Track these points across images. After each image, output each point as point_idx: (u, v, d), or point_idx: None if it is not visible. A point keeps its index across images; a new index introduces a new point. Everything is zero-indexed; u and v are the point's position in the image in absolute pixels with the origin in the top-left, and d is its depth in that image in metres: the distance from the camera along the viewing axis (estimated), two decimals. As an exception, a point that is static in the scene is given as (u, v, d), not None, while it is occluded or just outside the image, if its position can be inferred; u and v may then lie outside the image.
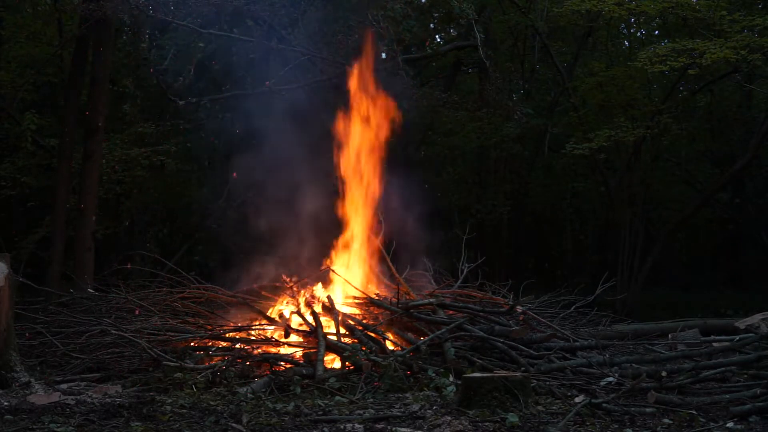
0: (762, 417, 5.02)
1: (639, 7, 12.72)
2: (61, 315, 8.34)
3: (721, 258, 20.87)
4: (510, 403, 5.18)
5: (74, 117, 11.54)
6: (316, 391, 5.85)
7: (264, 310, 8.09)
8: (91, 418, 4.95)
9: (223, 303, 8.84)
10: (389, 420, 5.04)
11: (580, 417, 5.05)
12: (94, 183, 11.07)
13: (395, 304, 7.67)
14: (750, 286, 17.30)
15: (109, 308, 8.50)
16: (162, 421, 4.88)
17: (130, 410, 5.13)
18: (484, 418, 4.97)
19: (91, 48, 11.55)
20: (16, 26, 14.33)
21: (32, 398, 5.50)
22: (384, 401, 5.64)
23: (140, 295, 8.70)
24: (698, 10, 12.30)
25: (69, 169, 11.45)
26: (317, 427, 4.84)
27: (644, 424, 4.97)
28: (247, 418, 4.97)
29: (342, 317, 7.50)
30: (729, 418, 5.09)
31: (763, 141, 14.44)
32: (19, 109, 13.51)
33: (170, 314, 8.16)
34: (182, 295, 8.79)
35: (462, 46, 15.90)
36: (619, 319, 10.51)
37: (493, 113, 14.86)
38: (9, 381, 5.88)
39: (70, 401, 5.44)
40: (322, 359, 6.47)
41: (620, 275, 14.33)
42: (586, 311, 9.62)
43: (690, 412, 5.18)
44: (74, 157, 11.71)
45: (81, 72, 11.63)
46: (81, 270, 10.43)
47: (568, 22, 14.89)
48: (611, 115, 14.53)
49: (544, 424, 4.88)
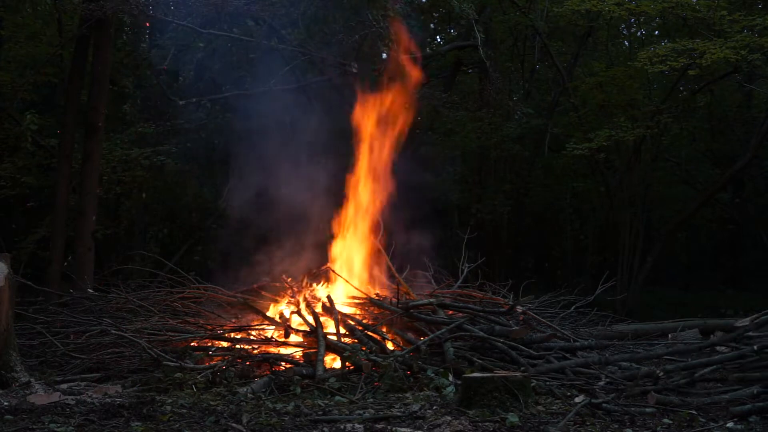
0: (762, 417, 5.02)
1: (639, 7, 12.73)
2: (61, 315, 8.35)
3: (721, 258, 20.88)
4: (510, 403, 5.18)
5: (74, 117, 11.54)
6: (316, 391, 5.85)
7: (264, 310, 8.09)
8: (91, 418, 4.95)
9: (223, 303, 8.84)
10: (389, 420, 5.04)
11: (580, 417, 5.06)
12: (94, 183, 11.06)
13: (395, 304, 7.67)
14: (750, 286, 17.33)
15: (109, 308, 8.50)
16: (162, 421, 4.88)
17: (130, 410, 5.13)
18: (484, 418, 4.98)
19: (91, 48, 11.55)
20: (16, 26, 14.33)
21: (32, 398, 5.50)
22: (384, 401, 5.64)
23: (140, 295, 8.70)
24: (698, 10, 12.31)
25: (69, 169, 11.44)
26: (317, 427, 4.84)
27: (644, 424, 4.97)
28: (247, 418, 4.97)
29: (342, 317, 7.51)
30: (729, 418, 5.09)
31: (763, 141, 14.44)
32: (19, 109, 13.50)
33: (170, 314, 8.16)
34: (182, 295, 8.79)
35: (462, 46, 15.91)
36: (619, 319, 10.52)
37: (493, 113, 14.87)
38: (9, 381, 5.88)
39: (70, 401, 5.43)
40: (322, 359, 6.46)
41: (620, 275, 14.34)
42: (586, 311, 9.63)
43: (690, 412, 5.18)
44: (74, 157, 11.71)
45: (81, 72, 11.62)
46: (81, 270, 10.42)
47: (568, 22, 14.90)
48: (611, 115, 14.53)
49: (544, 424, 4.88)
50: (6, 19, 14.15)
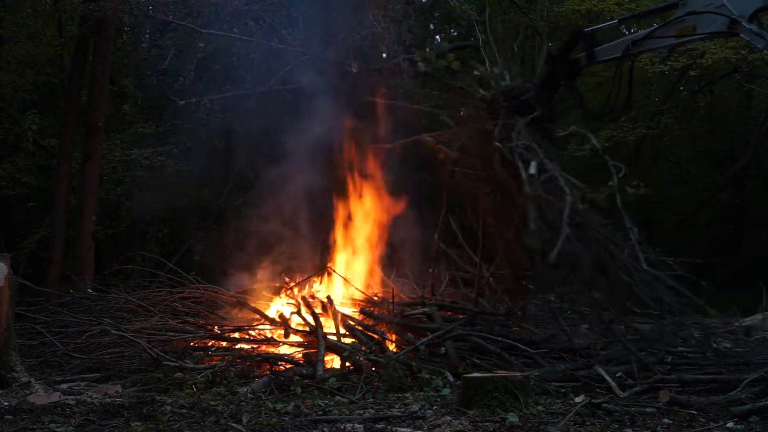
0: (762, 417, 5.02)
1: (639, 7, 12.71)
2: (61, 315, 8.34)
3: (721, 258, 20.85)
4: (510, 403, 5.17)
5: (74, 117, 11.54)
6: (316, 391, 5.85)
7: (264, 310, 8.09)
8: (91, 418, 4.95)
9: (223, 303, 8.84)
10: (389, 420, 5.03)
11: (580, 417, 5.05)
12: (94, 183, 11.07)
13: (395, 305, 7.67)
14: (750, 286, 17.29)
15: (109, 308, 8.50)
16: (162, 421, 4.88)
17: (130, 410, 5.13)
18: (484, 418, 4.97)
19: (91, 48, 11.55)
20: (16, 26, 14.32)
21: (32, 398, 5.50)
22: (384, 401, 5.63)
23: (140, 295, 8.70)
24: (698, 10, 12.28)
25: (69, 169, 11.45)
26: (317, 427, 4.84)
27: (644, 424, 4.96)
28: (247, 418, 4.97)
29: (342, 317, 7.50)
30: (729, 418, 5.08)
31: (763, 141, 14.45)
32: (19, 109, 13.50)
33: (170, 314, 8.16)
34: (182, 295, 8.79)
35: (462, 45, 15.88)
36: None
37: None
38: (9, 381, 5.88)
39: (70, 401, 5.43)
40: (322, 359, 6.47)
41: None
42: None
43: (690, 412, 5.18)
44: (74, 157, 11.71)
45: (81, 72, 11.63)
46: (81, 270, 10.43)
47: (568, 22, 14.88)
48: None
49: (544, 424, 4.88)
50: (6, 19, 14.14)
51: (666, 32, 6.08)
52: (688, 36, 6.05)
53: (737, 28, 5.61)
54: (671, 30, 6.06)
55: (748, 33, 5.54)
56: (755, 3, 5.53)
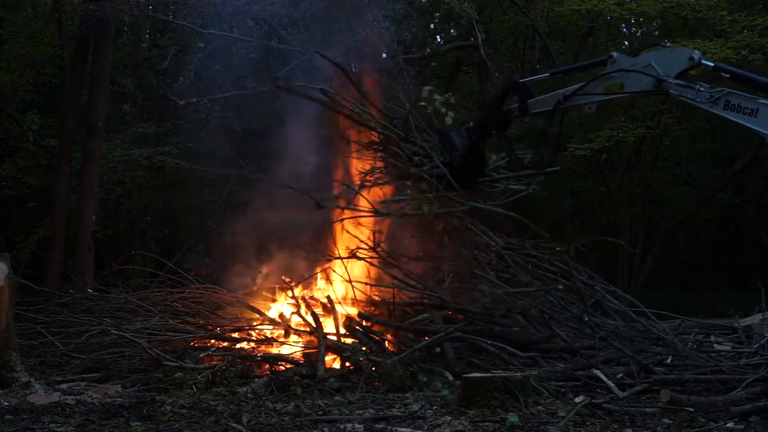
0: (762, 417, 5.02)
1: (639, 7, 12.72)
2: (61, 315, 8.34)
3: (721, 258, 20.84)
4: (510, 403, 5.18)
5: (74, 117, 11.54)
6: (316, 391, 5.85)
7: (264, 310, 8.08)
8: (91, 418, 4.95)
9: (223, 303, 8.83)
10: (389, 420, 5.04)
11: (580, 417, 5.05)
12: (94, 183, 11.06)
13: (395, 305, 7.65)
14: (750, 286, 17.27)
15: (109, 308, 8.49)
16: (162, 421, 4.88)
17: (130, 410, 5.13)
18: (484, 418, 4.97)
19: (91, 48, 11.55)
20: (16, 26, 14.33)
21: (32, 398, 5.50)
22: (384, 401, 5.64)
23: (140, 295, 8.69)
24: (698, 10, 12.30)
25: (69, 169, 11.45)
26: (317, 427, 4.84)
27: (644, 424, 4.97)
28: (247, 418, 4.97)
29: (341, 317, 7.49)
30: (729, 418, 5.08)
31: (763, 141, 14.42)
32: (19, 109, 13.50)
33: (170, 314, 8.16)
34: (182, 295, 8.79)
35: (462, 45, 15.88)
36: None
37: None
38: (9, 381, 5.88)
39: (70, 401, 5.43)
40: (322, 359, 6.46)
41: (620, 275, 14.33)
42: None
43: (690, 412, 5.18)
44: (74, 157, 11.71)
45: (81, 72, 11.64)
46: (81, 270, 10.43)
47: (568, 22, 14.88)
48: (612, 115, 14.52)
49: (544, 424, 4.88)
50: (6, 19, 14.15)
51: (596, 88, 6.13)
52: (616, 94, 6.09)
53: (664, 87, 5.73)
54: (600, 87, 6.09)
55: (675, 88, 5.68)
56: (680, 65, 5.68)
